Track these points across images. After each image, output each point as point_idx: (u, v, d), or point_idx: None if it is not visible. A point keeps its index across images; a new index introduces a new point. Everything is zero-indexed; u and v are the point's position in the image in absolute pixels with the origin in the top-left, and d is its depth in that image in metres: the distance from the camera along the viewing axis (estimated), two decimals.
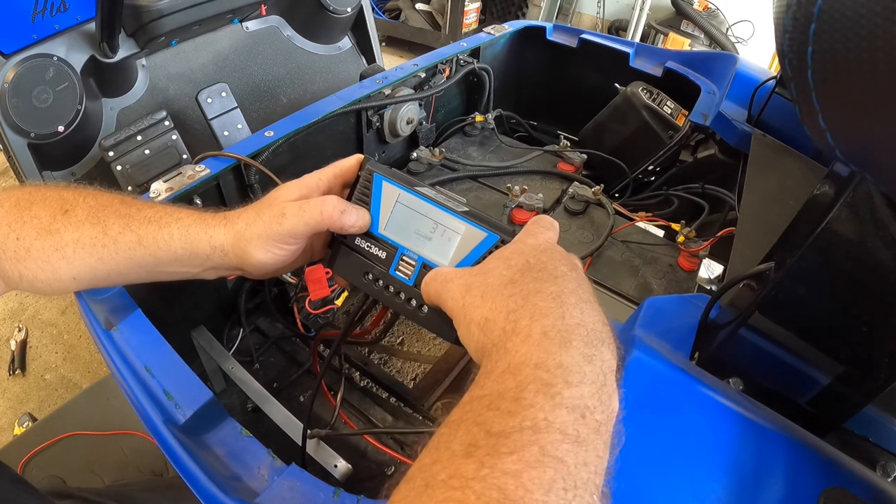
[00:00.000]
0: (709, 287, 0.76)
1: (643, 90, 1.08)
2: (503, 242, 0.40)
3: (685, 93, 1.08)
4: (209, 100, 1.36)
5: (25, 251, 0.45)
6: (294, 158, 0.88)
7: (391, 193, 0.45)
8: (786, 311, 0.40)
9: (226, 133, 1.39)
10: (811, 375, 0.40)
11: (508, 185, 0.97)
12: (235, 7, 1.55)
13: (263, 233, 0.44)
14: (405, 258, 0.44)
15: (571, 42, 1.22)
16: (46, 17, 1.27)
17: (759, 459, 0.38)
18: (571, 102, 1.29)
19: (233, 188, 0.80)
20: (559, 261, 0.36)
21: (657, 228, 0.98)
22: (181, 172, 0.73)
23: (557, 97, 1.33)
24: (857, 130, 0.25)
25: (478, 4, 3.30)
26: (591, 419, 0.28)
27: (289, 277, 0.84)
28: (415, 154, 1.07)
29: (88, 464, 0.99)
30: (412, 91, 1.04)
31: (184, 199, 0.72)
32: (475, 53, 1.18)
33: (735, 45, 3.06)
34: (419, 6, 3.45)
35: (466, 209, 0.43)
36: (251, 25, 1.71)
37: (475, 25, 3.32)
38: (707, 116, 0.94)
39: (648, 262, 0.90)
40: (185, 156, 1.42)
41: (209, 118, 1.37)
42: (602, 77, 1.19)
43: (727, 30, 3.07)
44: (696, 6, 3.06)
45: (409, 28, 3.46)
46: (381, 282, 0.45)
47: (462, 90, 1.24)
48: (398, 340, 0.92)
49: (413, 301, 0.44)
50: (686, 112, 1.07)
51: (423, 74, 1.07)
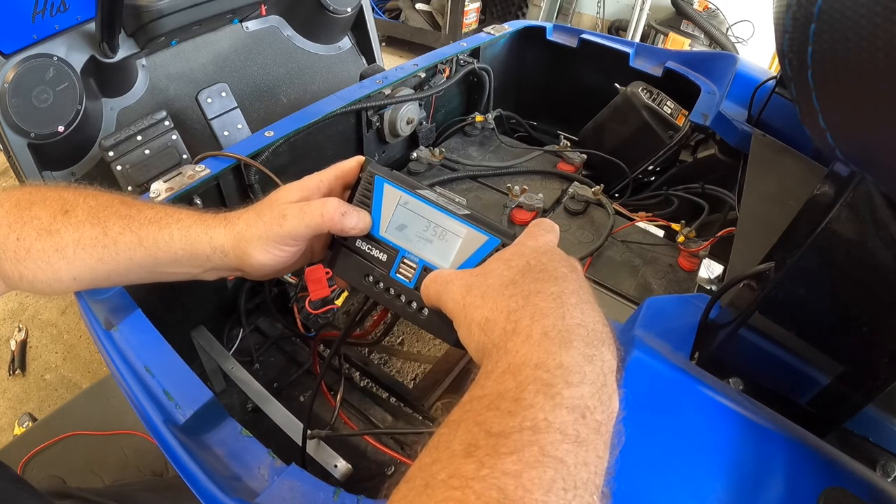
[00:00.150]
0: (709, 287, 0.76)
1: (643, 90, 1.08)
2: (504, 246, 0.40)
3: (685, 93, 1.08)
4: (209, 100, 1.36)
5: (25, 251, 0.45)
6: (294, 158, 0.88)
7: (392, 196, 0.45)
8: (786, 311, 0.40)
9: (226, 133, 1.39)
10: (811, 375, 0.40)
11: (508, 185, 0.97)
12: (235, 7, 1.55)
13: (264, 234, 0.44)
14: (406, 261, 0.44)
15: (571, 42, 1.22)
16: (46, 17, 1.27)
17: (759, 459, 0.38)
18: (571, 102, 1.29)
19: (233, 188, 0.80)
20: (559, 262, 0.36)
21: (657, 228, 0.98)
22: (181, 172, 0.73)
23: (557, 97, 1.33)
24: (857, 130, 0.25)
25: (478, 4, 3.30)
26: (592, 419, 0.28)
27: (289, 278, 0.84)
28: (415, 154, 1.07)
29: (88, 464, 0.99)
30: (412, 91, 1.04)
31: (184, 200, 0.72)
32: (475, 53, 1.18)
33: (735, 45, 3.06)
34: (419, 6, 3.45)
35: (467, 212, 0.43)
36: (251, 25, 1.71)
37: (475, 25, 3.32)
38: (707, 116, 0.94)
39: (648, 262, 0.90)
40: (185, 156, 1.42)
41: (209, 118, 1.37)
42: (602, 77, 1.19)
43: (727, 30, 3.07)
44: (696, 6, 3.06)
45: (409, 28, 3.46)
46: (382, 284, 0.45)
47: (462, 90, 1.24)
48: (398, 340, 0.92)
49: (413, 303, 0.44)
50: (686, 112, 1.07)
51: (423, 74, 1.07)
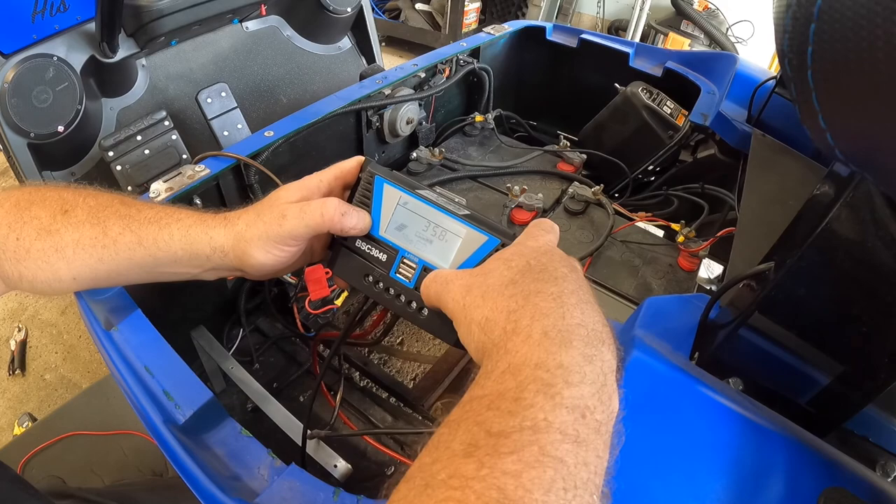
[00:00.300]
0: (709, 287, 0.76)
1: (643, 90, 1.08)
2: (503, 246, 0.40)
3: (685, 93, 1.07)
4: (209, 100, 1.37)
5: (25, 251, 0.45)
6: (294, 158, 0.88)
7: (392, 196, 0.45)
8: (786, 311, 0.40)
9: (226, 133, 1.39)
10: (811, 375, 0.40)
11: (508, 185, 0.97)
12: (235, 7, 1.55)
13: (264, 234, 0.44)
14: (406, 261, 0.44)
15: (571, 42, 1.22)
16: (46, 17, 1.27)
17: (759, 459, 0.38)
18: (571, 102, 1.29)
19: (233, 188, 0.80)
20: (559, 262, 0.36)
21: (657, 228, 0.97)
22: (181, 172, 0.73)
23: (557, 97, 1.33)
24: (858, 130, 0.25)
25: (478, 4, 3.30)
26: (591, 419, 0.28)
27: (289, 277, 0.84)
28: (415, 154, 1.07)
29: (88, 464, 0.99)
30: (412, 91, 1.04)
31: (184, 199, 0.71)
32: (475, 53, 1.18)
33: (735, 45, 3.06)
34: (419, 6, 3.45)
35: (467, 212, 0.43)
36: (251, 25, 1.71)
37: (475, 25, 3.32)
38: (707, 116, 0.94)
39: (648, 262, 0.90)
40: (185, 156, 1.42)
41: (209, 118, 1.37)
42: (602, 77, 1.19)
43: (727, 30, 3.07)
44: (696, 6, 3.06)
45: (409, 28, 3.46)
46: (382, 284, 0.45)
47: (462, 90, 1.24)
48: (398, 340, 0.92)
49: (413, 303, 0.44)
50: (686, 112, 1.07)
51: (423, 74, 1.07)
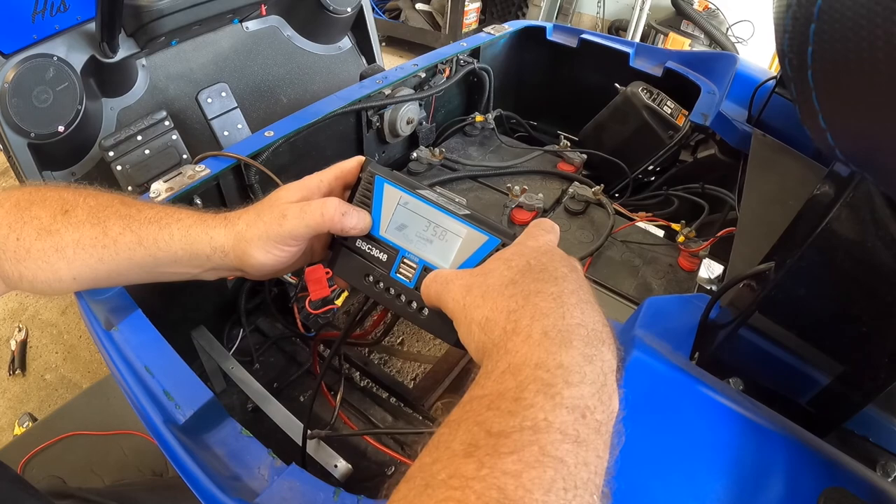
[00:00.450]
0: (709, 287, 0.76)
1: (643, 90, 1.08)
2: (504, 245, 0.40)
3: (685, 93, 1.07)
4: (209, 100, 1.37)
5: (25, 252, 0.45)
6: (294, 158, 0.88)
7: (392, 196, 0.45)
8: (786, 311, 0.40)
9: (226, 133, 1.39)
10: (811, 375, 0.40)
11: (508, 185, 0.97)
12: (235, 7, 1.55)
13: (264, 234, 0.44)
14: (406, 261, 0.44)
15: (571, 42, 1.22)
16: (46, 17, 1.27)
17: (759, 459, 0.38)
18: (571, 102, 1.29)
19: (233, 188, 0.80)
20: (559, 262, 0.36)
21: (657, 228, 0.97)
22: (181, 172, 0.73)
23: (557, 97, 1.33)
24: (858, 130, 0.25)
25: (478, 4, 3.30)
26: (592, 419, 0.28)
27: (289, 277, 0.84)
28: (415, 154, 1.07)
29: (88, 464, 0.99)
30: (412, 91, 1.04)
31: (184, 199, 0.71)
32: (475, 53, 1.18)
33: (735, 45, 3.06)
34: (419, 6, 3.45)
35: (468, 212, 0.43)
36: (251, 25, 1.71)
37: (475, 25, 3.32)
38: (707, 116, 0.94)
39: (648, 262, 0.90)
40: (185, 156, 1.42)
41: (209, 118, 1.37)
42: (602, 77, 1.19)
43: (727, 30, 3.07)
44: (696, 6, 3.06)
45: (409, 28, 3.46)
46: (382, 284, 0.45)
47: (462, 90, 1.24)
48: (398, 340, 0.92)
49: (414, 303, 0.44)
50: (686, 112, 1.07)
51: (423, 74, 1.07)
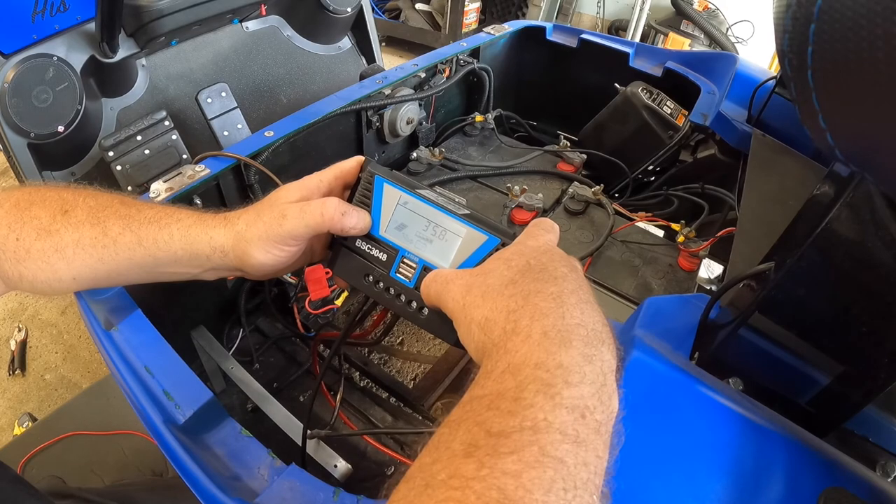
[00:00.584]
0: (709, 287, 0.76)
1: (643, 90, 1.08)
2: (503, 245, 0.40)
3: (685, 93, 1.07)
4: (209, 100, 1.36)
5: (25, 252, 0.45)
6: (294, 158, 0.88)
7: (392, 196, 0.45)
8: (786, 311, 0.40)
9: (226, 133, 1.39)
10: (811, 375, 0.40)
11: (508, 185, 0.97)
12: (235, 7, 1.55)
13: (264, 234, 0.44)
14: (406, 260, 0.44)
15: (571, 42, 1.22)
16: (46, 17, 1.27)
17: (759, 459, 0.38)
18: (571, 102, 1.29)
19: (233, 188, 0.80)
20: (559, 262, 0.36)
21: (657, 228, 0.97)
22: (181, 172, 0.73)
23: (557, 97, 1.33)
24: (858, 130, 0.25)
25: (478, 4, 3.30)
26: (591, 419, 0.28)
27: (289, 277, 0.84)
28: (415, 154, 1.07)
29: (88, 464, 0.99)
30: (412, 91, 1.04)
31: (184, 199, 0.71)
32: (475, 53, 1.18)
33: (735, 45, 3.06)
34: (419, 6, 3.45)
35: (467, 212, 0.43)
36: (251, 25, 1.71)
37: (475, 25, 3.32)
38: (707, 116, 0.94)
39: (648, 262, 0.90)
40: (185, 156, 1.42)
41: (209, 118, 1.37)
42: (602, 77, 1.19)
43: (727, 30, 3.07)
44: (696, 6, 3.06)
45: (409, 28, 3.46)
46: (382, 284, 0.45)
47: (462, 90, 1.24)
48: (398, 340, 0.92)
49: (413, 303, 0.44)
50: (686, 112, 1.07)
51: (423, 74, 1.07)
